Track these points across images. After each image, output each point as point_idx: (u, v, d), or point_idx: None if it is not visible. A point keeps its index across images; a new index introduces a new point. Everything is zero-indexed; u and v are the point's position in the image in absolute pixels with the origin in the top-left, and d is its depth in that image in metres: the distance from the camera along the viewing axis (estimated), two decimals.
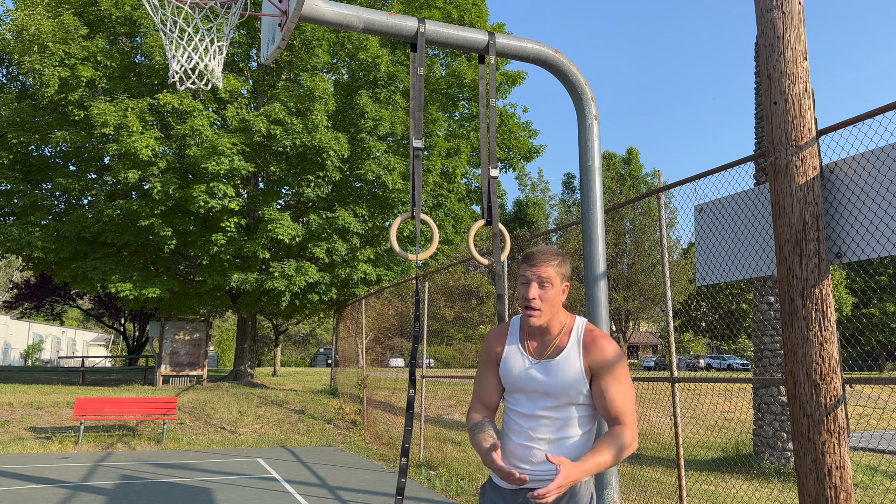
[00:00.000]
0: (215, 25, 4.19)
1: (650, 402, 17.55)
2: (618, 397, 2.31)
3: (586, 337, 2.40)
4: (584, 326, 2.44)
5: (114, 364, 40.81)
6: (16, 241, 16.65)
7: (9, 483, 8.37)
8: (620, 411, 2.30)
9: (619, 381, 2.33)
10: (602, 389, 2.33)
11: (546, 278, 2.37)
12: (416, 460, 10.54)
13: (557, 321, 2.42)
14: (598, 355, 2.34)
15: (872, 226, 3.31)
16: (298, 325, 55.22)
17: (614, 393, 2.32)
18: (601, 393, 2.33)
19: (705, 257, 4.53)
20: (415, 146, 3.75)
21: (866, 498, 8.16)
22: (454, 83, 19.64)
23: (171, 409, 12.38)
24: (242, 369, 20.23)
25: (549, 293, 2.38)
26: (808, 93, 3.29)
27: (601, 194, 4.40)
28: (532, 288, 2.37)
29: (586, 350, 2.37)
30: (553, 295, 2.38)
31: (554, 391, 2.35)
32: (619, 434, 2.26)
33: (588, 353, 2.36)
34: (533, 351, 2.44)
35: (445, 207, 19.04)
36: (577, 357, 2.36)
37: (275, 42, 3.99)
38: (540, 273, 2.37)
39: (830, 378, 3.07)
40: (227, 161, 15.83)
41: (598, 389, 2.34)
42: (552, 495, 2.05)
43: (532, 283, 2.38)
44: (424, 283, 11.72)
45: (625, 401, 2.32)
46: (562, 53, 4.31)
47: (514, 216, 44.21)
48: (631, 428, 2.28)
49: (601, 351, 2.35)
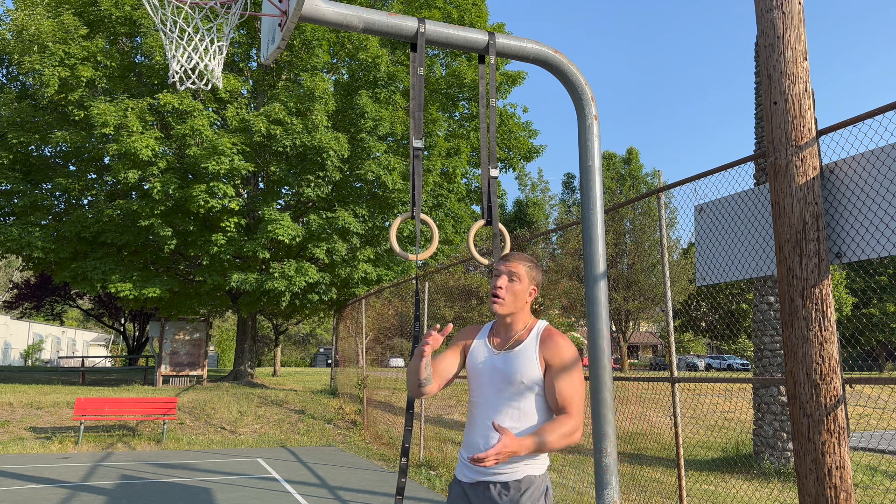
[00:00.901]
0: (215, 25, 4.19)
1: (650, 402, 17.55)
2: (565, 388, 2.48)
3: (544, 333, 2.60)
4: (544, 326, 2.64)
5: (114, 364, 40.81)
6: (16, 241, 16.65)
7: (9, 483, 8.37)
8: (567, 402, 2.47)
9: (568, 374, 2.51)
10: (552, 380, 2.51)
11: (515, 273, 2.61)
12: (416, 460, 10.54)
13: (521, 319, 2.63)
14: (552, 349, 2.54)
15: (872, 226, 3.31)
16: (298, 325, 55.23)
17: (562, 384, 2.49)
18: (551, 384, 2.50)
19: (705, 257, 4.53)
20: (415, 146, 3.75)
21: (866, 498, 8.16)
22: (454, 83, 19.63)
23: (171, 409, 12.38)
24: (242, 369, 20.23)
25: (515, 287, 2.60)
26: (808, 93, 3.29)
27: (601, 194, 4.40)
28: (501, 279, 2.61)
29: (542, 344, 2.56)
30: (520, 290, 2.60)
31: (510, 379, 2.53)
32: (562, 421, 2.42)
33: (543, 347, 2.55)
34: (496, 344, 2.65)
35: (445, 207, 19.04)
36: (534, 349, 2.56)
37: (275, 42, 3.99)
38: (511, 268, 2.61)
39: (830, 378, 3.07)
40: (227, 161, 15.83)
41: (549, 381, 2.52)
42: (490, 461, 2.19)
43: (502, 275, 2.61)
44: (424, 283, 11.72)
45: (572, 393, 2.48)
46: (562, 53, 4.31)
47: (514, 216, 44.20)
48: (575, 418, 2.44)
49: (555, 346, 2.54)
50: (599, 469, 4.09)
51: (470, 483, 2.57)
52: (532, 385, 2.52)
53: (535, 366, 2.53)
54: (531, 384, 2.52)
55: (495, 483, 2.50)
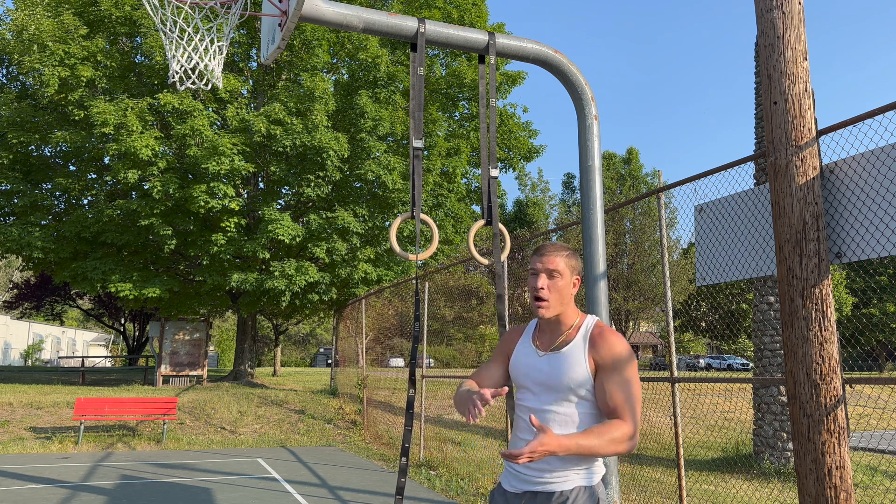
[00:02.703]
0: (215, 25, 4.19)
1: (650, 402, 17.55)
2: (618, 392, 2.25)
3: (594, 331, 2.37)
4: (594, 323, 2.42)
5: (114, 364, 40.81)
6: (16, 241, 16.65)
7: (9, 483, 8.37)
8: (619, 406, 2.24)
9: (621, 376, 2.27)
10: (603, 383, 2.28)
11: (555, 269, 2.37)
12: (416, 460, 10.54)
13: (568, 316, 2.41)
14: (603, 350, 2.31)
15: (872, 226, 3.31)
16: (298, 325, 55.22)
17: (614, 386, 2.25)
18: (602, 386, 2.28)
19: (705, 257, 4.53)
20: (415, 146, 3.75)
21: (866, 498, 8.15)
22: (454, 83, 19.63)
23: (171, 409, 12.37)
24: (242, 369, 20.23)
25: (558, 284, 2.37)
26: (808, 93, 3.29)
27: (601, 194, 4.40)
28: (541, 278, 2.37)
29: (592, 344, 2.33)
30: (562, 286, 2.37)
31: (556, 383, 2.32)
32: (612, 426, 2.19)
33: (594, 347, 2.32)
34: (541, 345, 2.43)
35: (445, 207, 19.04)
36: (583, 350, 2.33)
37: (275, 42, 3.99)
38: (548, 264, 2.37)
39: (830, 378, 3.07)
40: (227, 161, 15.83)
41: (599, 383, 2.29)
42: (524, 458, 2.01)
43: (541, 274, 2.37)
44: (424, 283, 11.72)
45: (625, 397, 2.24)
46: (562, 53, 4.31)
47: (514, 216, 44.21)
48: (628, 423, 2.21)
49: (607, 345, 2.31)
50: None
51: (514, 493, 2.38)
52: (579, 389, 2.31)
53: (583, 368, 2.31)
54: (578, 388, 2.30)
55: (541, 493, 2.30)
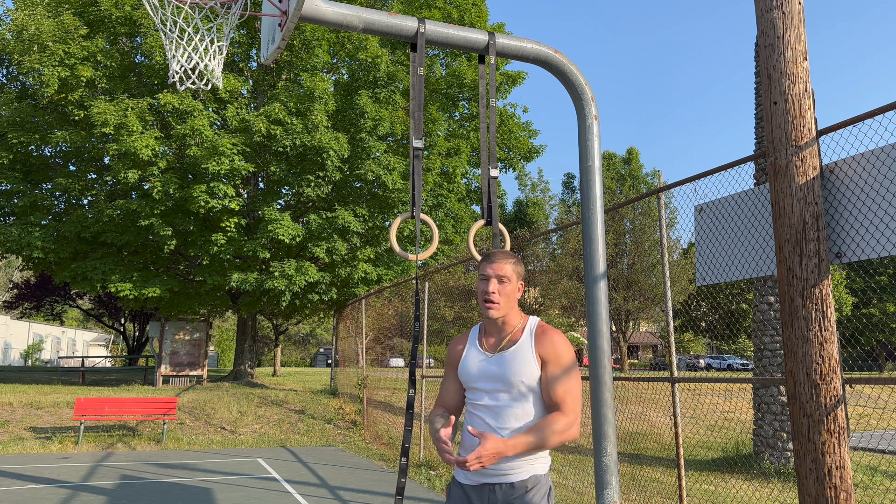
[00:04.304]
0: (215, 25, 4.19)
1: (650, 402, 17.54)
2: (560, 385, 2.45)
3: (538, 330, 2.58)
4: (536, 322, 2.62)
5: (114, 364, 40.81)
6: (16, 241, 16.65)
7: (9, 483, 8.36)
8: (561, 399, 2.44)
9: (563, 370, 2.47)
10: (547, 377, 2.48)
11: (504, 275, 2.57)
12: (416, 460, 10.54)
13: (513, 318, 2.60)
14: (548, 345, 2.51)
15: (872, 226, 3.31)
16: (298, 325, 55.20)
17: (557, 381, 2.46)
18: (546, 380, 2.48)
19: (705, 257, 4.53)
20: (415, 146, 3.74)
21: (866, 498, 8.15)
22: (454, 83, 19.63)
23: (171, 409, 12.37)
24: (242, 369, 20.23)
25: (506, 288, 2.57)
26: (808, 93, 3.29)
27: (601, 194, 4.39)
28: (491, 283, 2.57)
29: (538, 340, 2.54)
30: (510, 290, 2.58)
31: (508, 380, 2.49)
32: (553, 419, 2.40)
33: (539, 343, 2.52)
34: (489, 346, 2.61)
35: (445, 207, 19.04)
36: (530, 347, 2.53)
37: (275, 42, 3.99)
38: (498, 270, 2.58)
39: (830, 378, 3.07)
40: (227, 161, 15.83)
41: (544, 377, 2.49)
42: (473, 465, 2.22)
43: (491, 279, 2.58)
44: (424, 283, 11.72)
45: (566, 389, 2.45)
46: (562, 53, 4.31)
47: (514, 216, 44.19)
48: (568, 415, 2.42)
49: (551, 342, 2.51)
50: (599, 469, 4.09)
51: (473, 485, 2.53)
52: (532, 385, 2.48)
53: (532, 365, 2.49)
54: (531, 384, 2.48)
55: (501, 484, 2.46)
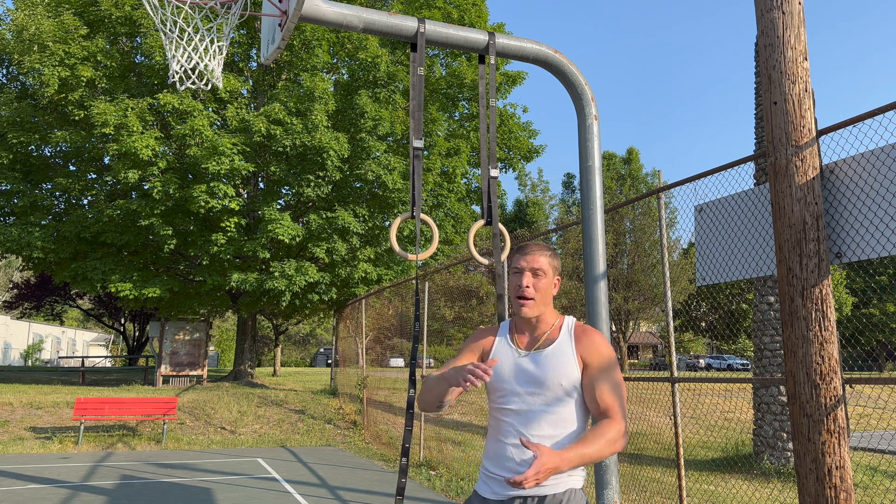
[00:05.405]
0: (215, 25, 4.19)
1: (650, 402, 17.54)
2: (607, 390, 2.26)
3: (577, 329, 2.38)
4: (574, 322, 2.43)
5: (114, 364, 40.82)
6: (16, 241, 16.65)
7: (9, 483, 8.36)
8: (609, 405, 2.25)
9: (608, 375, 2.28)
10: (591, 381, 2.28)
11: (539, 269, 2.37)
12: (416, 460, 10.54)
13: (549, 315, 2.41)
14: (589, 346, 2.32)
15: (872, 226, 3.31)
16: (298, 325, 55.22)
17: (604, 386, 2.26)
18: (591, 385, 2.28)
19: (705, 257, 4.53)
20: (415, 146, 3.74)
21: (866, 498, 8.15)
22: (454, 83, 19.63)
23: (171, 409, 12.37)
24: (242, 369, 20.23)
25: (541, 283, 2.37)
26: (808, 93, 3.29)
27: (601, 194, 4.39)
28: (525, 277, 2.37)
29: (578, 341, 2.34)
30: (545, 285, 2.38)
31: (545, 382, 2.30)
32: (606, 427, 2.19)
33: (580, 344, 2.33)
34: (523, 344, 2.41)
35: (445, 207, 19.04)
36: (570, 347, 2.33)
37: (275, 42, 3.99)
38: (533, 263, 2.37)
39: (830, 378, 3.07)
40: (227, 161, 15.83)
41: (587, 382, 2.30)
42: (530, 483, 1.96)
43: (525, 273, 2.37)
44: (424, 283, 11.72)
45: (614, 395, 2.26)
46: (562, 53, 4.31)
47: (514, 216, 44.19)
48: (618, 423, 2.21)
49: (592, 343, 2.33)
50: (599, 469, 4.09)
51: (498, 500, 2.31)
52: (570, 387, 2.29)
53: (573, 366, 2.30)
54: (570, 386, 2.29)
55: (533, 497, 2.26)
